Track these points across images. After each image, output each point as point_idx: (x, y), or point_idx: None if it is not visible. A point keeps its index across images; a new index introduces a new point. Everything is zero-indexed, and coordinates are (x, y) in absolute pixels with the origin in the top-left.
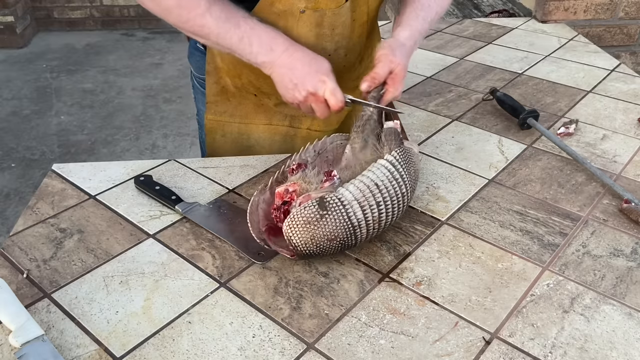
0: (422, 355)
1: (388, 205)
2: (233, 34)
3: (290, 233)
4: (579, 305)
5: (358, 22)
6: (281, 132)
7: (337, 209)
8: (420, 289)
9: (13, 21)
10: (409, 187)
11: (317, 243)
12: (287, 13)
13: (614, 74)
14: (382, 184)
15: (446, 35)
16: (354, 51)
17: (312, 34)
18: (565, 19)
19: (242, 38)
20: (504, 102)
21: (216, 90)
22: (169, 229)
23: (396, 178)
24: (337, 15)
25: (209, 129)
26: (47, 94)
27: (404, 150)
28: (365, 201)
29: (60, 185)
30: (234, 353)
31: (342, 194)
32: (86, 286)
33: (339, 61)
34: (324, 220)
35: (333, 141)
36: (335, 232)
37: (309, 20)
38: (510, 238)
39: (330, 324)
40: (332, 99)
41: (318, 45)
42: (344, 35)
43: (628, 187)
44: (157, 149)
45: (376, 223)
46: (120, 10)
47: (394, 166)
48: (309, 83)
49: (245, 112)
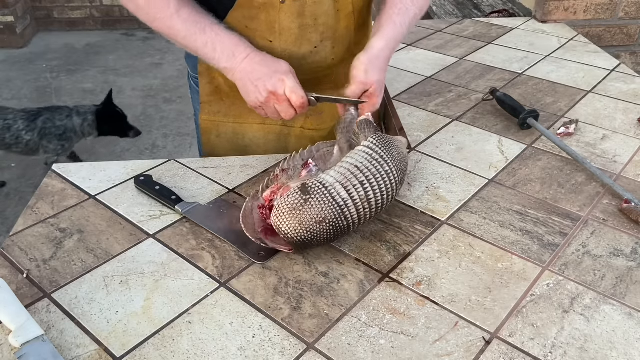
0: (422, 355)
1: (373, 183)
2: (198, 38)
3: (279, 222)
4: (579, 305)
5: (343, 13)
6: (275, 131)
7: (320, 191)
8: (420, 289)
9: (13, 21)
10: (392, 166)
11: (307, 227)
12: (268, 5)
13: (614, 74)
14: (362, 164)
15: (446, 35)
16: (342, 43)
17: (295, 25)
18: (565, 19)
19: (207, 43)
20: (504, 102)
21: (210, 90)
22: (169, 229)
23: (376, 159)
24: (319, 4)
25: (203, 129)
26: (47, 94)
27: (380, 136)
28: (347, 182)
29: (60, 185)
30: (234, 353)
31: (323, 178)
32: (86, 286)
33: (327, 54)
34: (308, 203)
35: (319, 149)
36: (322, 213)
37: (290, 10)
38: (510, 238)
39: (330, 324)
40: (293, 97)
41: (303, 37)
42: (328, 26)
43: (628, 187)
44: (157, 149)
45: (364, 202)
46: (120, 10)
47: (372, 149)
48: (269, 82)
49: (239, 111)
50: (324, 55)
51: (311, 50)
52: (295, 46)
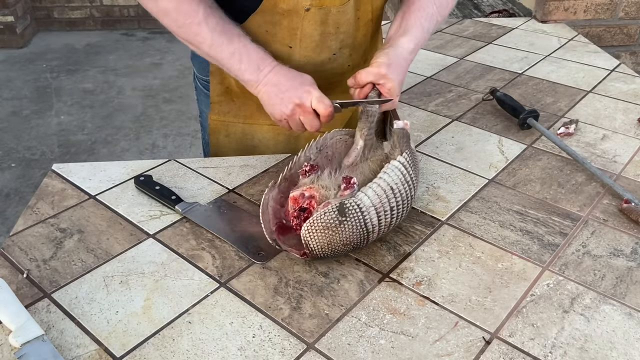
0: (422, 355)
1: (399, 209)
2: (225, 48)
3: (309, 237)
4: (579, 305)
5: (362, 21)
6: (285, 132)
7: (356, 215)
8: (420, 289)
9: (13, 21)
10: (415, 189)
11: (333, 247)
12: (292, 12)
13: (614, 74)
14: (397, 187)
15: (446, 35)
16: (359, 50)
17: (317, 33)
18: (565, 19)
19: (234, 53)
20: (504, 102)
21: (220, 90)
22: (169, 229)
23: (407, 180)
24: (342, 13)
25: (212, 129)
26: (47, 94)
27: (412, 152)
28: (381, 206)
29: (60, 185)
30: (234, 353)
31: (361, 199)
32: (86, 286)
33: (344, 61)
34: (342, 226)
35: (333, 137)
36: (351, 237)
37: (314, 18)
38: (510, 238)
39: (330, 324)
40: (320, 106)
41: (323, 44)
42: (348, 34)
43: (628, 187)
44: (157, 149)
45: (386, 227)
46: (120, 10)
47: (406, 168)
48: (294, 94)
49: (250, 112)
50: (341, 62)
51: (330, 57)
52: (315, 53)
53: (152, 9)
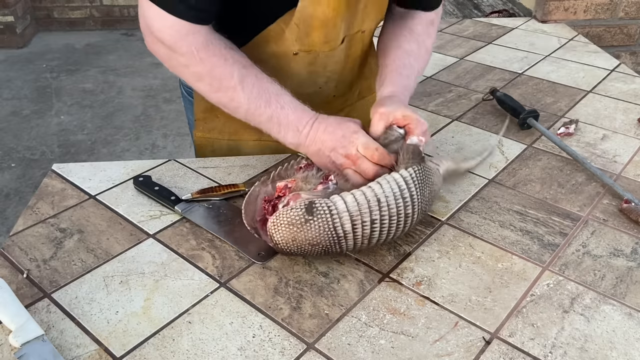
0: (422, 355)
1: (385, 224)
2: (263, 112)
3: (273, 230)
4: (579, 305)
5: (351, 57)
6: (271, 146)
7: (324, 216)
8: (420, 289)
9: (13, 21)
10: (417, 209)
11: (299, 245)
12: (281, 54)
13: (614, 74)
14: (386, 200)
15: (446, 35)
16: (345, 82)
17: (305, 71)
18: (565, 19)
19: (272, 117)
20: (504, 102)
21: (204, 106)
22: (169, 229)
23: (404, 197)
24: (330, 57)
25: (198, 145)
26: (47, 94)
27: (423, 170)
28: (358, 216)
29: (60, 185)
30: (234, 353)
31: (335, 202)
32: (86, 286)
33: (329, 92)
34: (307, 225)
35: None
36: (318, 238)
37: (302, 60)
38: (510, 238)
39: (330, 324)
40: (367, 152)
41: (309, 80)
42: (335, 71)
43: (628, 187)
44: (157, 149)
45: (366, 239)
46: (120, 10)
47: (407, 184)
48: (341, 149)
49: (234, 128)
50: (326, 93)
51: (315, 90)
52: (300, 87)
53: (183, 74)
